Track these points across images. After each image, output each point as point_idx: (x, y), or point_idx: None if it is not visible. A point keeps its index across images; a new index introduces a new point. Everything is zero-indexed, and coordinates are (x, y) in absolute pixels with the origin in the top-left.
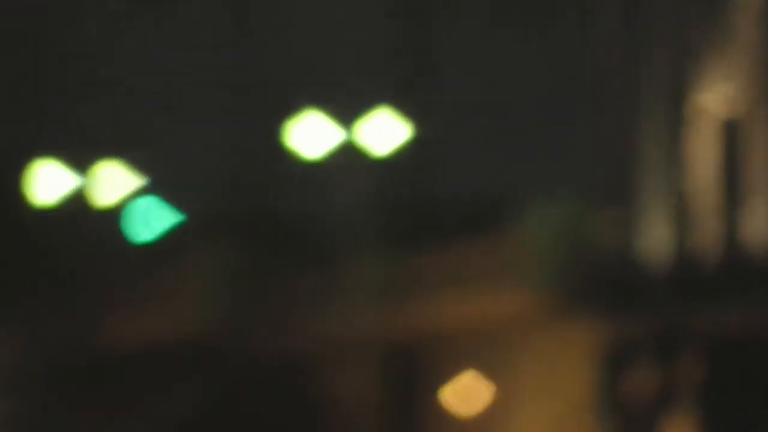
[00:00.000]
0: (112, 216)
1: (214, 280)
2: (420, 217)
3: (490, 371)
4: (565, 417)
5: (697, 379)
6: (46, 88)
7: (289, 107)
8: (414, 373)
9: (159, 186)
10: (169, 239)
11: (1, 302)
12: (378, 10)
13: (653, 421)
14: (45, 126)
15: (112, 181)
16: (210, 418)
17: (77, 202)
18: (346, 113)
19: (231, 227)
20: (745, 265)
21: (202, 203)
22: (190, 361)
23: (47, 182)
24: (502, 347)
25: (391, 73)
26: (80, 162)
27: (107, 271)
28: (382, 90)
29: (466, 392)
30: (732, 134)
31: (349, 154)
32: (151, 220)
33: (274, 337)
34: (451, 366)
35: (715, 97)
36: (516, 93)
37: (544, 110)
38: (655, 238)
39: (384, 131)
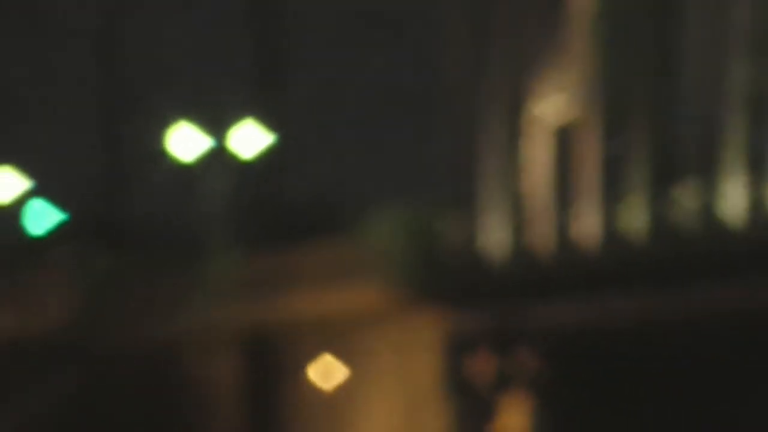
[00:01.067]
0: None
1: (78, 278)
2: (275, 219)
3: (343, 358)
4: (414, 398)
5: (532, 367)
6: None
7: (162, 117)
8: (273, 361)
9: (41, 189)
10: (33, 239)
11: None
12: (239, 28)
13: (493, 402)
14: None
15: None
16: (72, 412)
17: None
18: (215, 122)
19: (97, 228)
20: (575, 262)
21: (71, 206)
22: (52, 357)
23: None
24: (354, 337)
25: (252, 86)
26: None
27: None
28: (245, 101)
29: (323, 375)
30: (564, 141)
31: (218, 160)
32: (39, 220)
33: (136, 332)
34: (307, 354)
35: (548, 107)
36: (365, 104)
37: (394, 120)
38: (494, 238)
39: (250, 139)
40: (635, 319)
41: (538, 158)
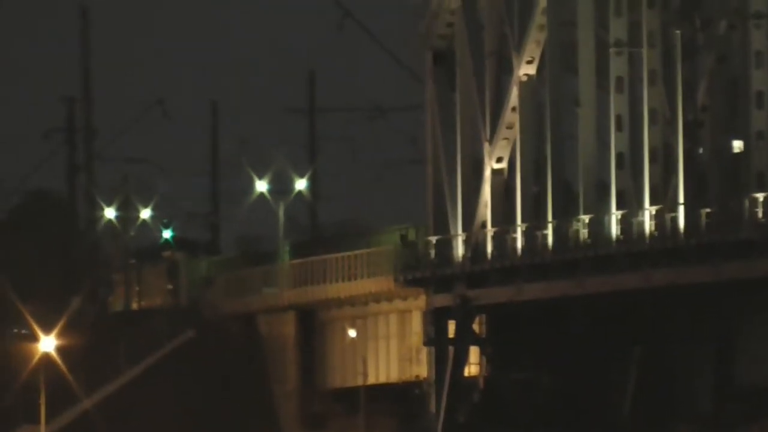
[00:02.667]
0: None
1: (194, 272)
2: (317, 235)
3: (363, 321)
4: (407, 352)
5: (483, 331)
6: None
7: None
8: (316, 323)
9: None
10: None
11: None
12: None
13: (460, 355)
14: None
15: None
16: (189, 357)
17: None
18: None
19: (210, 242)
20: (512, 262)
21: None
22: (179, 320)
23: None
24: (371, 308)
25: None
26: None
27: None
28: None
29: (348, 333)
30: (501, 183)
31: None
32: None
33: (232, 305)
34: (340, 319)
35: (491, 161)
36: (371, 166)
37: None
38: (456, 246)
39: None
40: (547, 298)
41: (484, 194)
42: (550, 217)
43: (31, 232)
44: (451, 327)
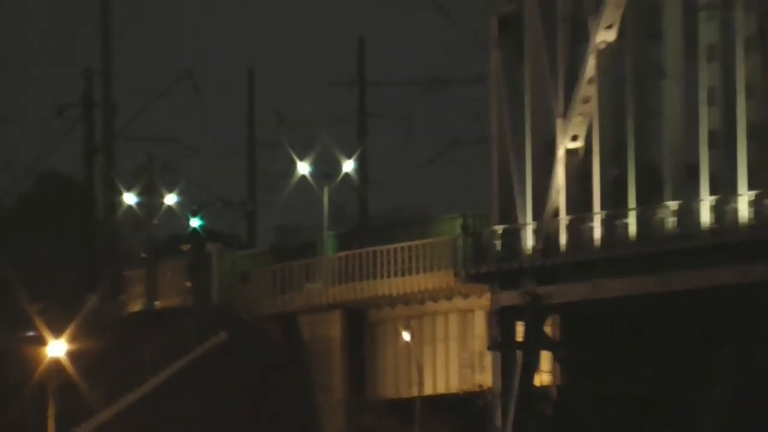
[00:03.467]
0: None
1: (229, 269)
2: (366, 226)
3: (419, 321)
4: (468, 358)
5: (556, 334)
6: None
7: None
8: (365, 325)
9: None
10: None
11: None
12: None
13: (529, 362)
14: None
15: None
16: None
17: None
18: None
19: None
20: (588, 255)
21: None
22: (213, 319)
23: None
24: (428, 307)
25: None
26: None
27: None
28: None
29: (402, 335)
30: (576, 167)
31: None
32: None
33: (270, 304)
34: (393, 319)
35: (566, 142)
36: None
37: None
38: (526, 237)
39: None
40: (628, 296)
41: (557, 177)
42: (632, 204)
43: (43, 219)
44: (520, 329)
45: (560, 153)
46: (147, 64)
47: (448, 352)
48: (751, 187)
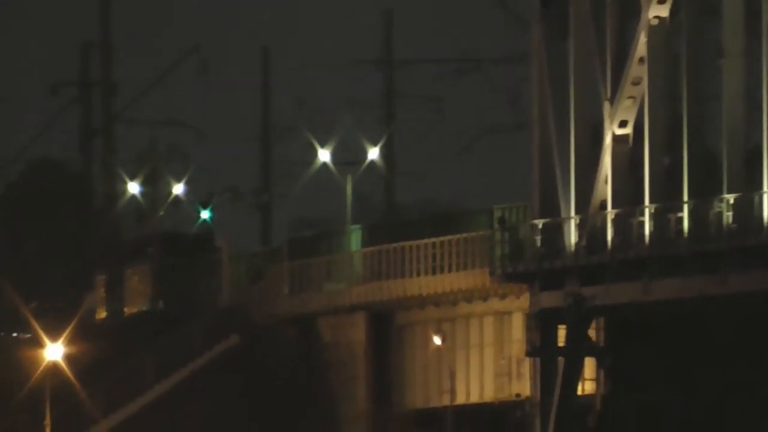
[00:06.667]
0: None
1: (242, 269)
2: (394, 220)
3: (451, 324)
4: (505, 364)
5: (601, 339)
6: None
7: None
8: (392, 328)
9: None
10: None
11: None
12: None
13: (572, 369)
14: None
15: None
16: (241, 364)
17: None
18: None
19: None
20: (638, 252)
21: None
22: (225, 322)
23: None
24: (460, 309)
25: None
26: None
27: None
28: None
29: (432, 340)
30: (625, 156)
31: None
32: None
33: (287, 305)
34: (422, 322)
35: (613, 129)
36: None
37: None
38: (568, 233)
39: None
40: (680, 297)
41: (604, 167)
42: (686, 197)
43: (34, 210)
44: (561, 333)
45: (607, 140)
46: (151, 39)
47: (483, 358)
48: None
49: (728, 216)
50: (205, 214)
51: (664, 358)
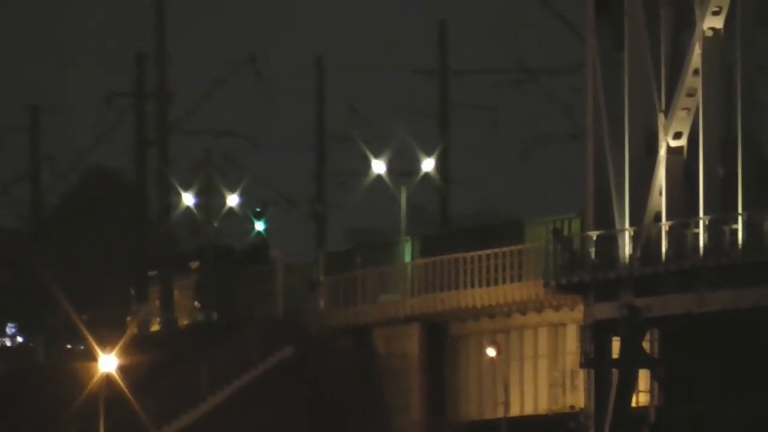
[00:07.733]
0: None
1: (298, 281)
2: (449, 231)
3: (506, 336)
4: (559, 376)
5: (655, 350)
6: None
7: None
8: (446, 339)
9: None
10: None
11: None
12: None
13: (626, 381)
14: None
15: None
16: (294, 376)
17: None
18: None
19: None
20: (692, 263)
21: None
22: (279, 333)
23: None
24: (515, 321)
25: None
26: None
27: None
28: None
29: (486, 351)
30: (679, 168)
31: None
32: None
33: (342, 317)
34: (476, 333)
35: (668, 139)
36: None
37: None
38: (623, 244)
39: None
40: (735, 309)
41: (659, 178)
42: (740, 208)
43: (88, 220)
44: (616, 345)
45: (662, 151)
46: (206, 49)
47: (537, 369)
48: None
49: None
50: (259, 226)
51: (719, 369)
